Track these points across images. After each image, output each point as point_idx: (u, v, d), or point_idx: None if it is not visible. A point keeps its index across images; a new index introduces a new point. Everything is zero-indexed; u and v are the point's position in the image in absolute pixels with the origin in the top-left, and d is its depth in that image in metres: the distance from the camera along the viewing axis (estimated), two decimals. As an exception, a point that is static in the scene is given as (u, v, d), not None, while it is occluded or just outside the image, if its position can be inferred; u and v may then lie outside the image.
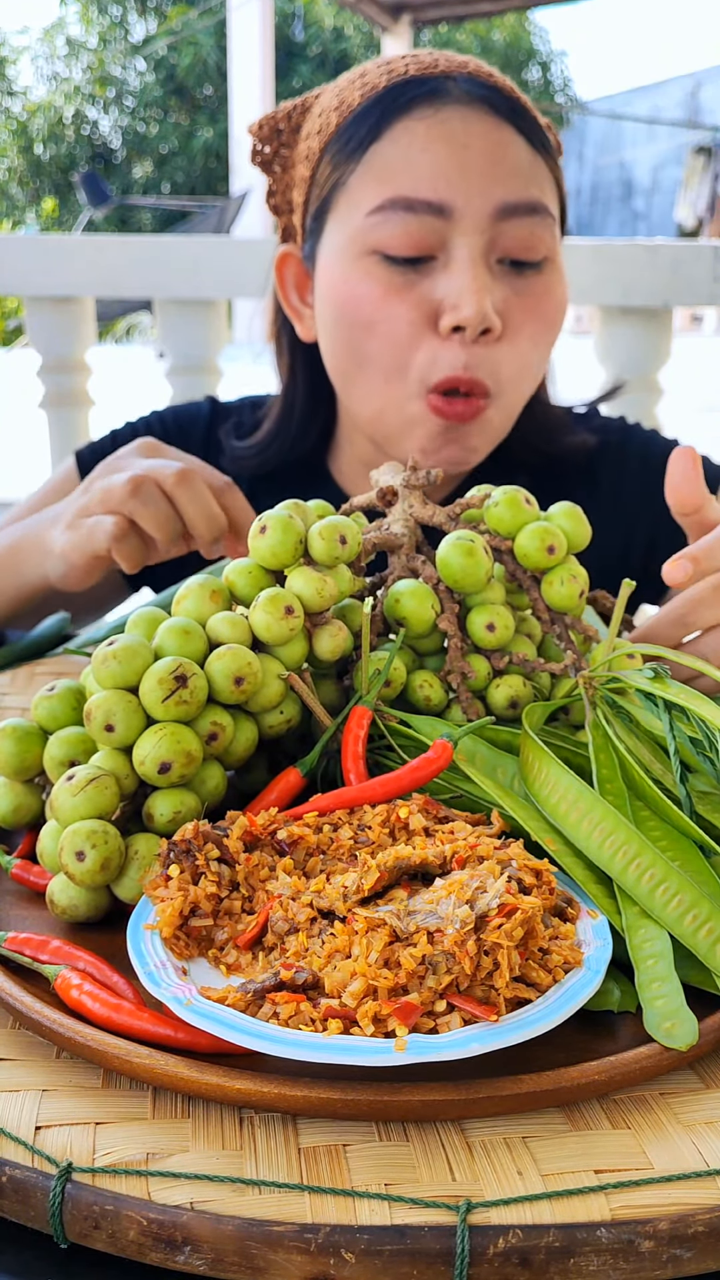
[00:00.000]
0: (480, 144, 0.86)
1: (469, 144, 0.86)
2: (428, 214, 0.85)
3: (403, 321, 0.87)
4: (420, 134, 0.86)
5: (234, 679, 0.53)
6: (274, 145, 0.97)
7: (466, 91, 0.88)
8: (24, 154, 19.41)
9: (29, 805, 0.56)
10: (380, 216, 0.86)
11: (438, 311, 0.86)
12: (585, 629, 0.62)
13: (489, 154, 0.86)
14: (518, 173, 0.87)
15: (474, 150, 0.86)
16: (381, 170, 0.86)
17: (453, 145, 0.86)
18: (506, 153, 0.87)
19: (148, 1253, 0.35)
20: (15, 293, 1.77)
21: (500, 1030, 0.39)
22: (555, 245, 0.91)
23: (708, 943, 0.45)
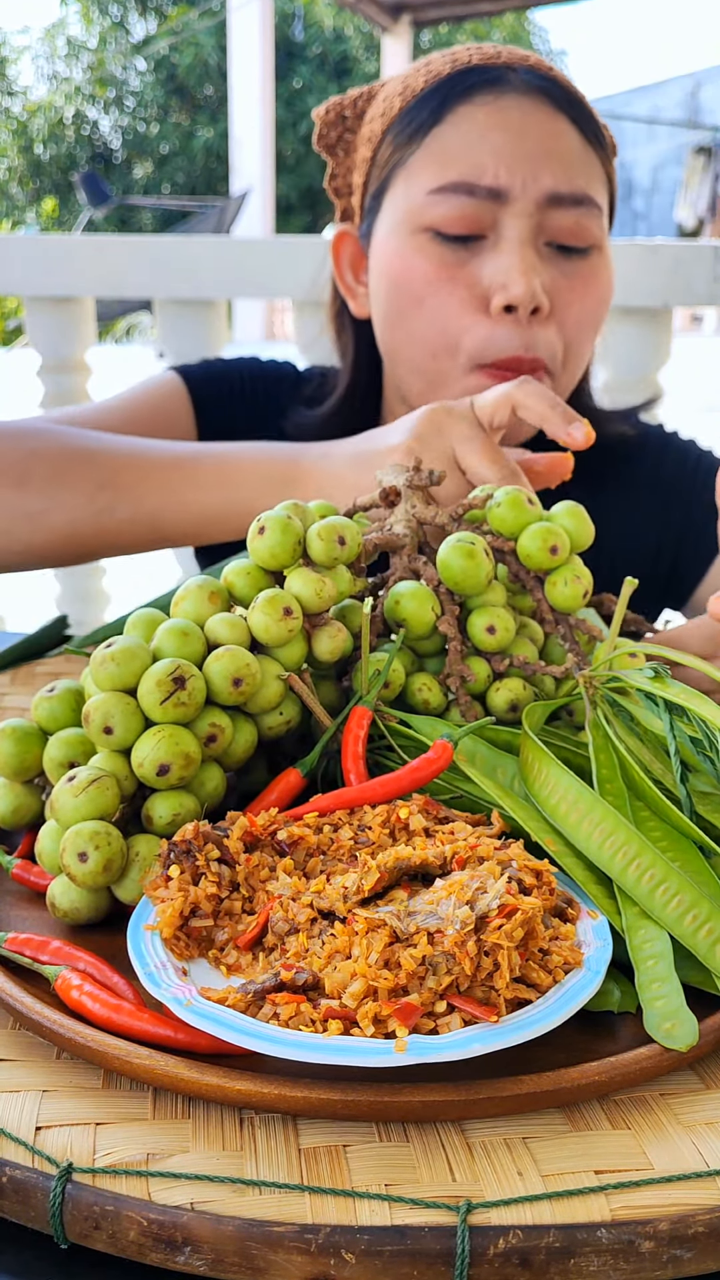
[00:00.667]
0: (536, 131, 0.90)
1: (525, 131, 0.90)
2: (486, 197, 0.89)
3: (453, 299, 0.90)
4: (480, 120, 0.90)
5: (232, 680, 0.53)
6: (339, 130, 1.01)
7: (526, 81, 0.92)
8: (24, 154, 19.41)
9: (29, 806, 0.56)
10: (439, 197, 0.90)
11: (487, 292, 0.89)
12: (590, 629, 0.62)
13: (543, 142, 0.90)
14: (569, 163, 0.90)
15: (530, 137, 0.90)
16: (442, 153, 0.90)
17: (510, 132, 0.90)
18: (560, 142, 0.90)
19: (148, 1253, 0.35)
20: (15, 293, 1.77)
21: (500, 1031, 0.39)
22: (602, 236, 0.94)
23: (708, 943, 0.45)
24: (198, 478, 0.83)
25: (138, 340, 11.13)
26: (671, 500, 1.04)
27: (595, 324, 0.95)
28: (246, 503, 0.82)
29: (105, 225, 14.68)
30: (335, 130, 1.01)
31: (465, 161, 0.89)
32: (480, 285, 0.89)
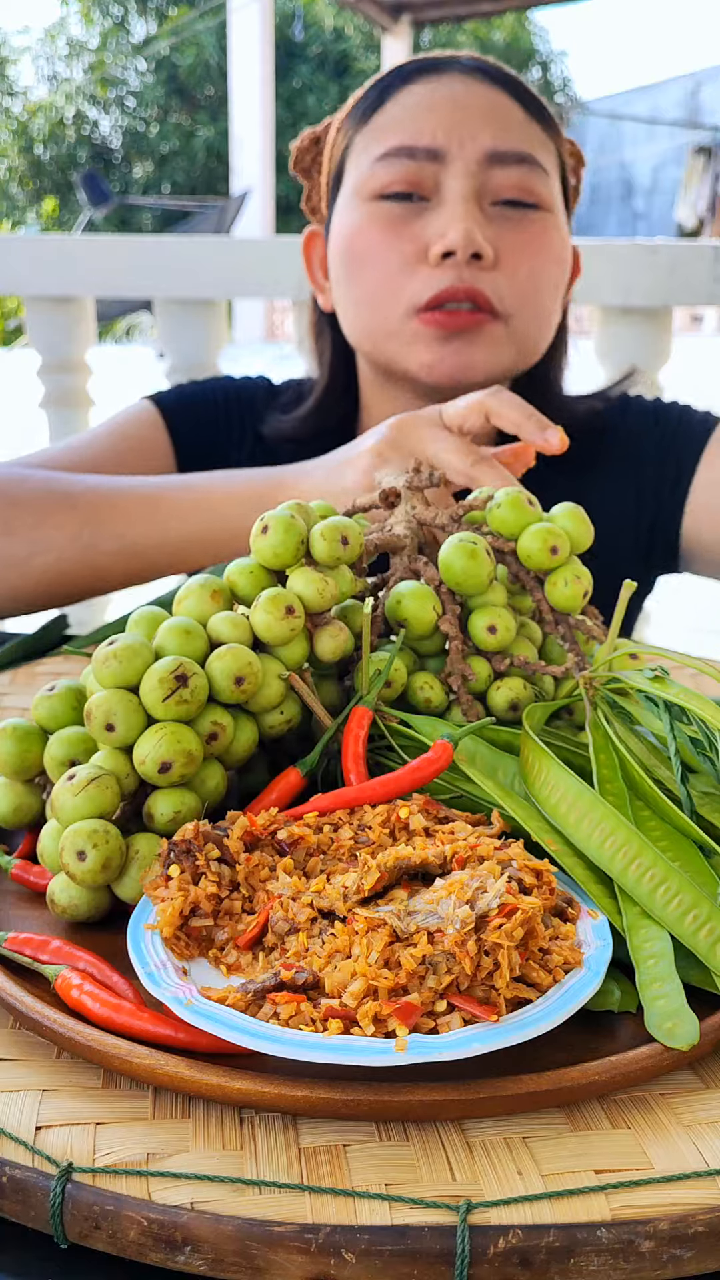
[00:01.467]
0: (475, 100, 0.95)
1: (464, 100, 0.95)
2: (425, 159, 0.93)
3: (395, 253, 0.93)
4: (419, 93, 0.96)
5: (234, 679, 0.53)
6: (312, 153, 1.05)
7: (467, 65, 0.97)
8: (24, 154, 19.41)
9: (29, 805, 0.56)
10: (382, 164, 0.94)
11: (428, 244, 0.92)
12: (590, 629, 0.62)
13: (481, 108, 0.95)
14: (507, 126, 0.95)
15: (467, 104, 0.94)
16: (384, 127, 0.95)
17: (448, 101, 0.94)
18: (498, 109, 0.95)
19: (148, 1253, 0.35)
20: (15, 293, 1.77)
21: (501, 1030, 0.39)
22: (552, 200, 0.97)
23: (708, 943, 0.45)
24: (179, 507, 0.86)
25: (138, 340, 11.13)
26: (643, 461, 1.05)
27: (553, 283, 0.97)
28: (228, 528, 0.85)
29: (105, 225, 14.67)
30: (309, 155, 1.06)
31: (405, 129, 0.94)
32: (422, 239, 0.93)
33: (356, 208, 0.96)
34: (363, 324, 0.97)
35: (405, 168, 0.93)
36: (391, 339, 0.95)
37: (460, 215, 0.91)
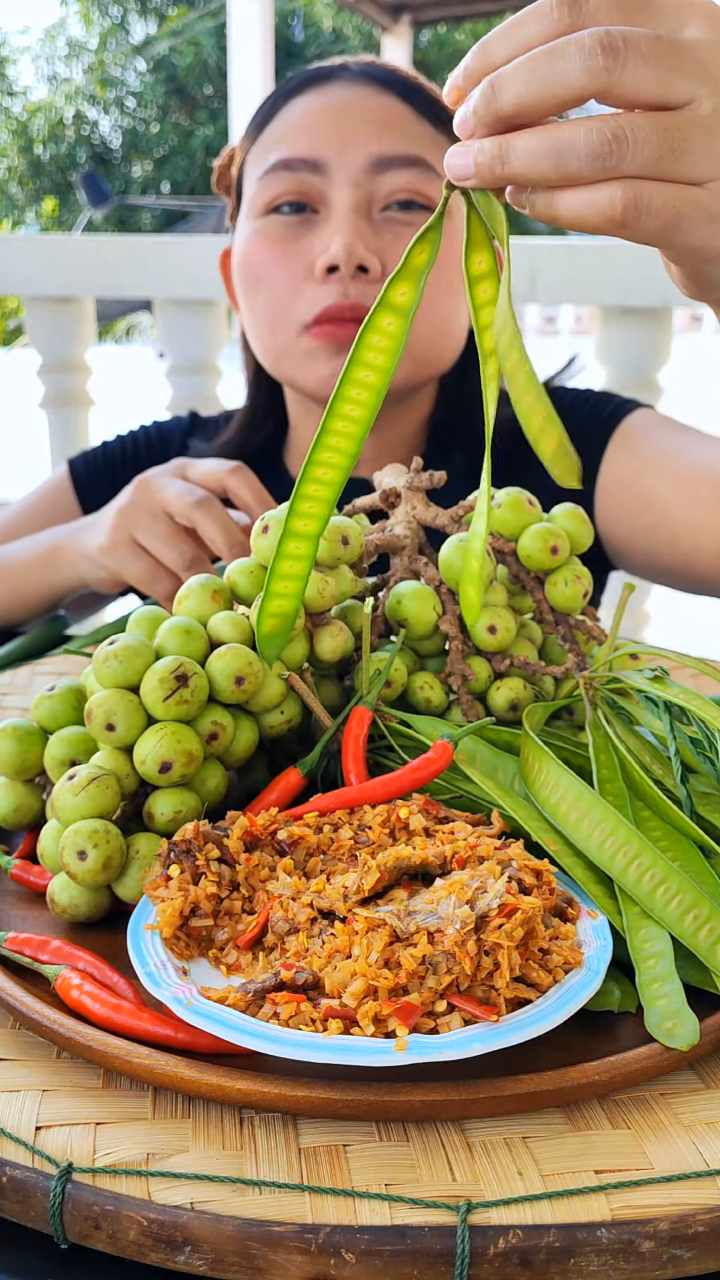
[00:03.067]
0: (358, 107, 0.92)
1: (346, 109, 0.92)
2: (305, 170, 0.91)
3: (283, 271, 0.92)
4: (302, 106, 0.94)
5: (235, 679, 0.53)
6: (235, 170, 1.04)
7: (354, 70, 0.95)
8: (24, 154, 19.41)
9: (29, 805, 0.56)
10: (266, 180, 0.93)
11: (315, 260, 0.91)
12: (590, 629, 0.62)
13: (365, 114, 0.92)
14: (393, 130, 0.92)
15: (350, 112, 0.92)
16: (270, 141, 0.94)
17: (330, 111, 0.93)
18: (384, 113, 0.92)
19: (148, 1253, 0.35)
20: (15, 293, 1.77)
21: (501, 1030, 0.39)
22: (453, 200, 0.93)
23: (708, 943, 0.45)
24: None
25: (138, 340, 11.12)
26: None
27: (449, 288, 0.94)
28: (14, 591, 0.95)
29: (105, 225, 14.67)
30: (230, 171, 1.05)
31: (286, 142, 0.92)
32: (309, 256, 0.92)
33: (250, 226, 0.95)
34: (261, 345, 0.97)
35: (287, 181, 0.91)
36: (286, 357, 0.94)
37: (342, 228, 0.89)
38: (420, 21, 9.56)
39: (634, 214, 0.44)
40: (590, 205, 0.45)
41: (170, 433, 1.12)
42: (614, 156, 0.43)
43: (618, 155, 0.43)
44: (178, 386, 1.76)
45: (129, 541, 0.84)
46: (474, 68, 0.46)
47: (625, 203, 0.44)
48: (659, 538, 0.94)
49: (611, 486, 0.98)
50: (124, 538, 0.84)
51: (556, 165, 0.44)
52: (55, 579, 0.93)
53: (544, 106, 0.44)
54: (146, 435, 1.13)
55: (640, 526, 0.96)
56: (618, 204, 0.44)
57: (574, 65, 0.43)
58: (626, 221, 0.44)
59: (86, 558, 0.88)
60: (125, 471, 1.09)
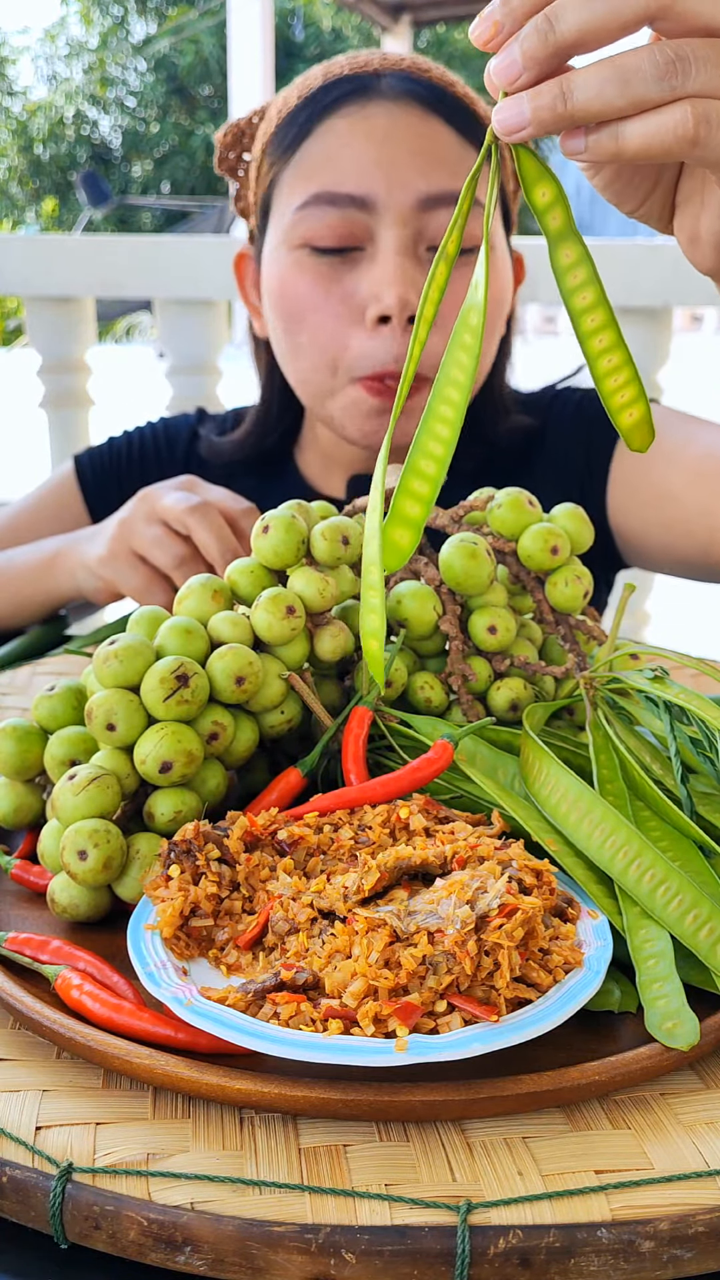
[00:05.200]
0: (404, 136, 0.88)
1: (392, 136, 0.88)
2: (350, 207, 0.87)
3: (329, 315, 0.89)
4: (343, 130, 0.88)
5: (235, 678, 0.53)
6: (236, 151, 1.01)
7: (394, 87, 0.90)
8: (24, 154, 19.40)
9: (30, 805, 0.56)
10: (306, 211, 0.88)
11: (363, 304, 0.88)
12: (590, 629, 0.62)
13: (412, 145, 0.88)
14: (442, 164, 0.88)
15: (397, 143, 0.87)
16: (308, 167, 0.89)
17: (374, 139, 0.87)
18: (431, 145, 0.88)
19: (148, 1253, 0.35)
20: (15, 293, 1.77)
21: (501, 1030, 0.39)
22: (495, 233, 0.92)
23: (708, 943, 0.45)
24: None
25: (138, 340, 11.13)
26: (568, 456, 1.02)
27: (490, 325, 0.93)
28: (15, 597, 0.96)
29: (105, 225, 14.67)
30: (234, 151, 1.01)
31: (326, 173, 0.88)
32: (357, 298, 0.88)
33: (287, 255, 0.90)
34: (300, 377, 0.94)
35: (330, 216, 0.87)
36: (329, 400, 0.92)
37: (394, 277, 0.85)
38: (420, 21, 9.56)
39: (706, 129, 0.44)
40: (661, 127, 0.44)
41: (177, 430, 1.11)
42: (679, 75, 0.43)
43: (682, 74, 0.43)
44: (178, 386, 1.76)
45: (127, 552, 0.84)
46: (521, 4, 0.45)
47: (697, 118, 0.44)
48: (674, 530, 0.94)
49: (624, 482, 0.98)
50: (123, 548, 0.84)
51: (623, 91, 0.43)
52: (53, 587, 0.93)
53: (608, 31, 0.44)
54: (154, 432, 1.12)
55: (655, 520, 0.96)
56: (690, 120, 0.44)
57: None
58: (699, 138, 0.44)
59: (84, 567, 0.88)
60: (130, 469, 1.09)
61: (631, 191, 0.54)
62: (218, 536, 0.80)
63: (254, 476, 1.05)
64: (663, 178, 0.54)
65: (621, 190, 0.54)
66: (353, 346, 0.89)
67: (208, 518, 0.81)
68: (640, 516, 0.97)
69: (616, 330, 0.48)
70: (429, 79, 0.91)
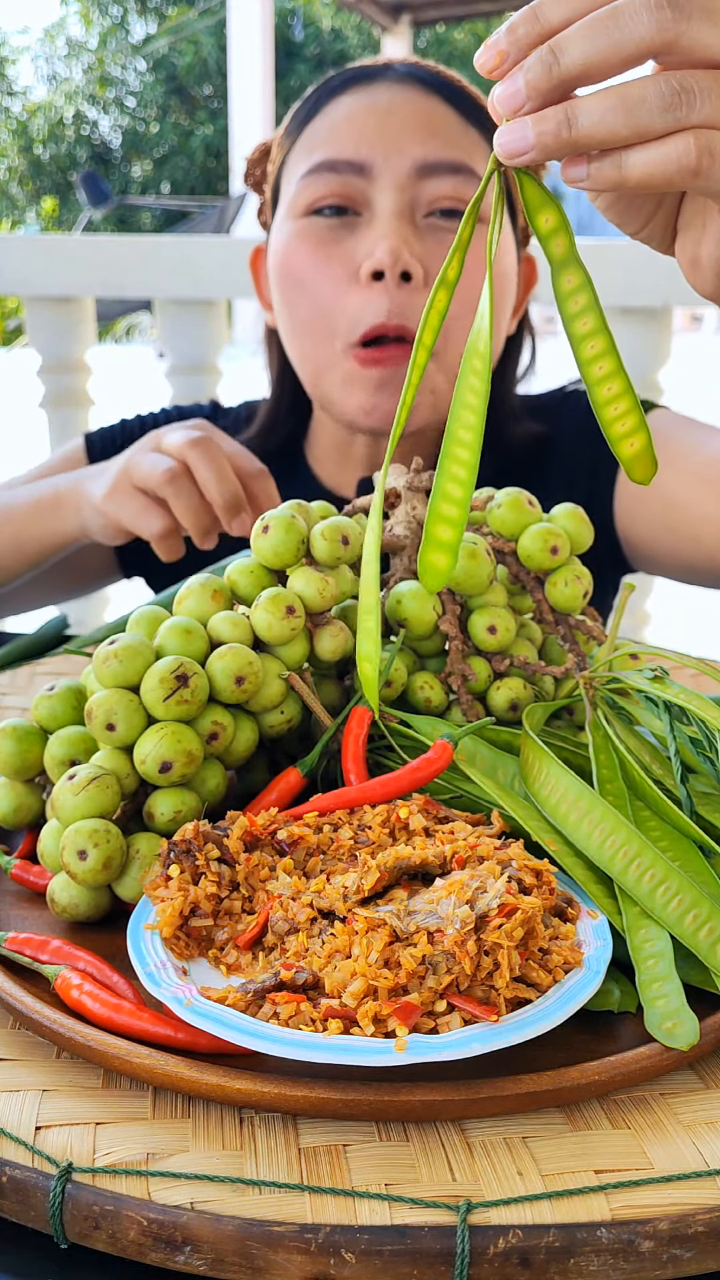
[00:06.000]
0: (404, 109, 0.91)
1: (392, 109, 0.91)
2: (349, 173, 0.90)
3: (327, 277, 0.90)
4: (347, 105, 0.92)
5: (235, 678, 0.53)
6: (261, 165, 1.03)
7: (401, 72, 0.94)
8: (24, 154, 19.41)
9: (29, 805, 0.56)
10: (309, 180, 0.91)
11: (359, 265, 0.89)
12: (590, 630, 0.62)
13: (411, 117, 0.91)
14: (439, 134, 0.90)
15: (396, 114, 0.91)
16: (312, 141, 0.93)
17: (376, 112, 0.91)
18: (429, 118, 0.91)
19: (148, 1253, 0.35)
20: (15, 293, 1.77)
21: (500, 1030, 0.39)
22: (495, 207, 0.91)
23: (708, 943, 0.45)
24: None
25: (138, 340, 11.13)
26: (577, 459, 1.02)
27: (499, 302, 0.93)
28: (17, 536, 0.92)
29: (105, 225, 14.67)
30: (260, 167, 1.03)
31: (330, 143, 0.91)
32: (353, 260, 0.90)
33: (290, 226, 0.93)
34: (301, 353, 0.95)
35: (331, 183, 0.90)
36: (327, 374, 0.93)
37: (388, 232, 0.88)
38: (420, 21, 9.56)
39: (708, 160, 0.45)
40: (664, 157, 0.45)
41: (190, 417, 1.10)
42: (684, 106, 0.44)
43: (687, 105, 0.44)
44: (178, 386, 1.76)
45: (128, 485, 0.82)
46: (524, 34, 0.45)
47: (700, 150, 0.44)
48: (681, 536, 0.94)
49: (630, 488, 0.98)
50: (124, 482, 0.82)
51: (627, 120, 0.44)
52: (58, 527, 0.90)
53: (611, 64, 0.44)
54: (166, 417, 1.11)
55: (662, 526, 0.96)
56: (692, 151, 0.44)
57: (641, 20, 0.44)
58: (701, 169, 0.45)
59: (90, 504, 0.86)
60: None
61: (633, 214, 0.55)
62: (218, 475, 0.77)
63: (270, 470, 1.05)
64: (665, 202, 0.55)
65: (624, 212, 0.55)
66: (349, 308, 0.90)
67: (208, 453, 0.78)
68: (647, 523, 0.97)
69: (617, 358, 0.48)
70: (436, 70, 0.95)
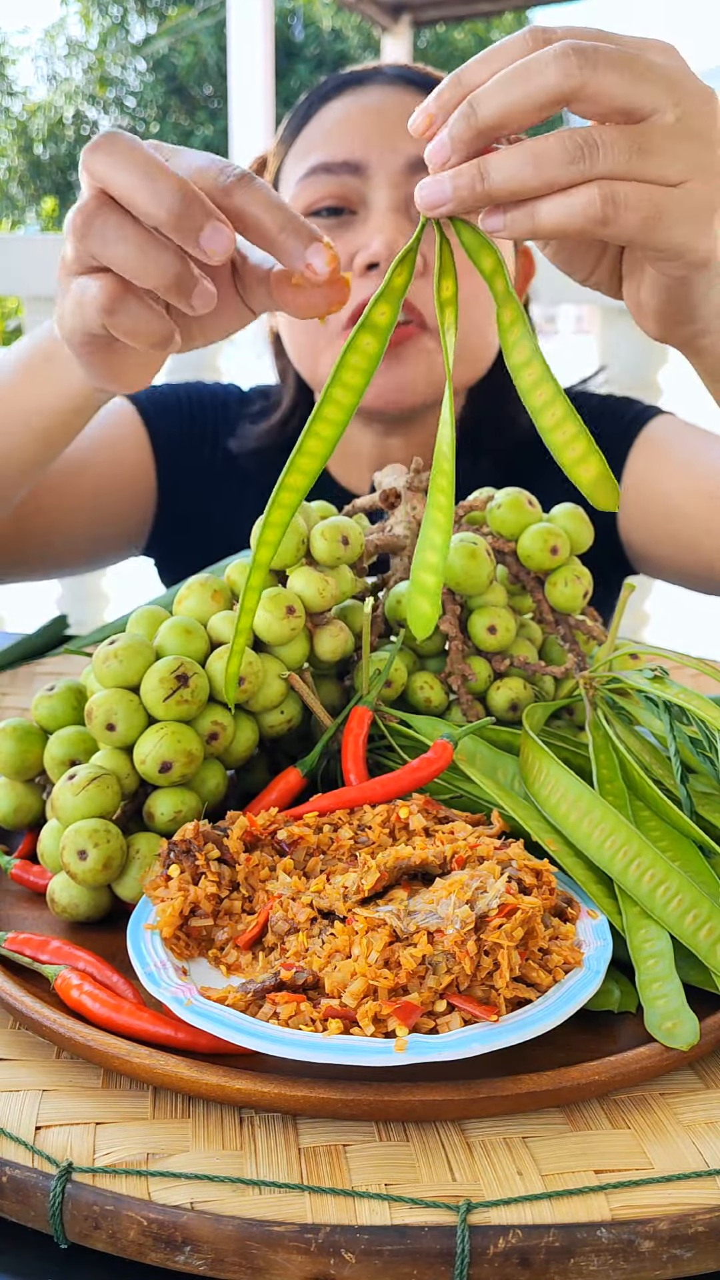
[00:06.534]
0: (395, 109, 0.92)
1: (383, 111, 0.92)
2: (345, 173, 0.90)
3: None
4: (339, 109, 0.93)
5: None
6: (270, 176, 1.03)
7: (391, 75, 0.95)
8: (24, 154, 19.41)
9: (29, 805, 0.56)
10: (305, 183, 0.92)
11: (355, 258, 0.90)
12: (590, 629, 0.62)
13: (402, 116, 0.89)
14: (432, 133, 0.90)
15: (388, 114, 0.91)
16: (306, 146, 0.93)
17: (368, 113, 0.92)
18: None
19: (148, 1253, 0.35)
20: (15, 293, 1.77)
21: (500, 1030, 0.39)
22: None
23: (708, 943, 0.45)
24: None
25: (137, 340, 11.11)
26: None
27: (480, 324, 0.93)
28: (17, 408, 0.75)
29: (105, 225, 14.63)
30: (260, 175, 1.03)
31: (325, 146, 0.92)
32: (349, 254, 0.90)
33: None
34: (298, 346, 0.95)
35: (327, 184, 0.90)
36: (322, 359, 0.93)
37: (383, 225, 0.88)
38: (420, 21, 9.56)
39: (613, 209, 0.47)
40: (570, 208, 0.47)
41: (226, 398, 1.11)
42: (588, 159, 0.47)
43: (590, 158, 0.47)
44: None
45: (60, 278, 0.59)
46: (449, 97, 0.49)
47: (604, 198, 0.47)
48: (681, 545, 0.94)
49: (633, 495, 0.99)
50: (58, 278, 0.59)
51: (536, 172, 0.47)
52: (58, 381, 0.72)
53: (525, 113, 0.47)
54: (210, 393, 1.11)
55: (663, 534, 0.96)
56: (596, 201, 0.47)
57: (549, 70, 0.46)
58: (607, 218, 0.47)
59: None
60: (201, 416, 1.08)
61: (579, 261, 0.57)
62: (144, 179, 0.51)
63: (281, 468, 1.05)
64: (608, 250, 0.57)
65: (569, 259, 0.57)
66: None
67: (122, 157, 0.52)
68: (649, 530, 0.98)
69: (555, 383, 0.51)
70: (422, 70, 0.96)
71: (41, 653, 0.90)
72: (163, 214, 0.51)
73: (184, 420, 1.08)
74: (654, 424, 1.00)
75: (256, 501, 0.70)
